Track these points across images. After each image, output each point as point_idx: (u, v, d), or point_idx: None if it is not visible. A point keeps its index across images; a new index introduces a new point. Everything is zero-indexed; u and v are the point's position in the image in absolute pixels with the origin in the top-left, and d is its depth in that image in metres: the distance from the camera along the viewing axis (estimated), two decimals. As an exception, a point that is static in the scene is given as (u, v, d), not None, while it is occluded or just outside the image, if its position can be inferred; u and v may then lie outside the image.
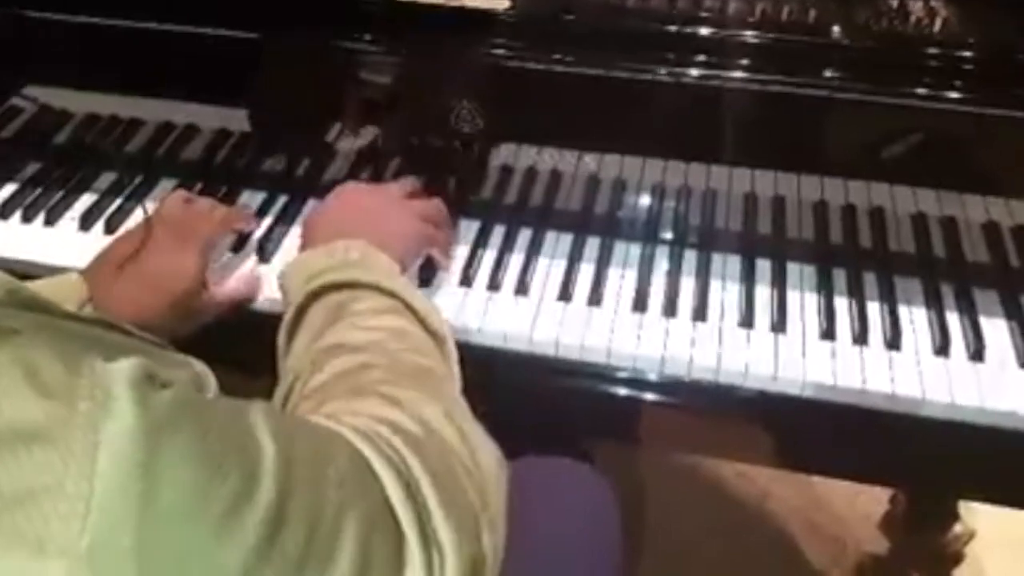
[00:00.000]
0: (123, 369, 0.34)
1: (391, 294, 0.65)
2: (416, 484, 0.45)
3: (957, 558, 1.20)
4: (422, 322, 0.64)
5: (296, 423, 0.47)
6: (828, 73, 0.75)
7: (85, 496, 0.30)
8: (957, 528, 1.19)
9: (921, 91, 0.74)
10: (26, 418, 0.31)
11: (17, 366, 0.32)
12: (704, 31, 0.77)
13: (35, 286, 0.69)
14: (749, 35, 0.77)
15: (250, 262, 0.85)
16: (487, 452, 0.52)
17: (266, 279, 0.81)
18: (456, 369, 0.63)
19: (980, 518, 1.20)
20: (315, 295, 0.65)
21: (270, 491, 0.36)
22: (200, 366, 0.49)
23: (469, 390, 0.64)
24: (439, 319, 0.65)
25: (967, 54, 0.74)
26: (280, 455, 0.38)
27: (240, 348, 0.77)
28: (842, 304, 0.79)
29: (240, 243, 0.86)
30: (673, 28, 0.78)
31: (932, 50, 0.75)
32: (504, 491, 0.52)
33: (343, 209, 0.77)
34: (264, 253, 0.85)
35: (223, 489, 0.34)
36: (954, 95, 0.73)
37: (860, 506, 1.38)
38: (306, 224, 0.78)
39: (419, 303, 0.65)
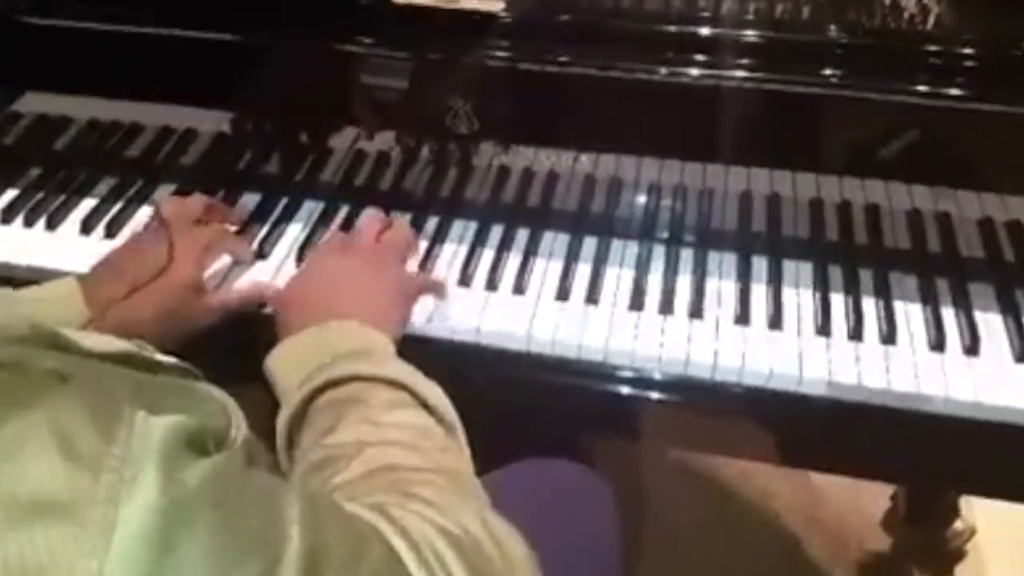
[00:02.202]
0: (160, 433, 0.34)
1: (397, 385, 0.62)
2: None
3: (958, 555, 1.20)
4: (431, 411, 0.62)
5: (333, 513, 0.46)
6: (823, 71, 0.75)
7: (94, 573, 0.30)
8: (958, 525, 1.19)
9: (915, 88, 0.74)
10: (49, 489, 0.31)
11: (51, 428, 0.32)
12: (699, 30, 0.78)
13: (32, 293, 0.70)
14: (744, 34, 0.77)
15: (249, 268, 0.84)
16: (519, 552, 0.52)
17: (264, 280, 0.82)
18: (468, 455, 0.61)
19: (981, 515, 1.21)
20: (314, 395, 0.62)
21: (294, 574, 0.36)
22: (220, 394, 0.48)
23: (467, 390, 0.65)
24: (446, 406, 0.63)
25: (962, 51, 0.74)
26: (306, 546, 0.37)
27: (236, 354, 0.77)
28: (838, 300, 0.79)
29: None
30: (668, 28, 0.78)
31: (926, 47, 0.75)
32: None
33: (322, 283, 0.74)
34: (263, 254, 0.85)
35: (241, 574, 0.34)
36: (948, 92, 0.73)
37: (862, 504, 1.38)
38: (284, 302, 0.74)
39: (426, 392, 0.63)
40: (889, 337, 0.76)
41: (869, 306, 0.78)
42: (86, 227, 0.89)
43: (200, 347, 0.73)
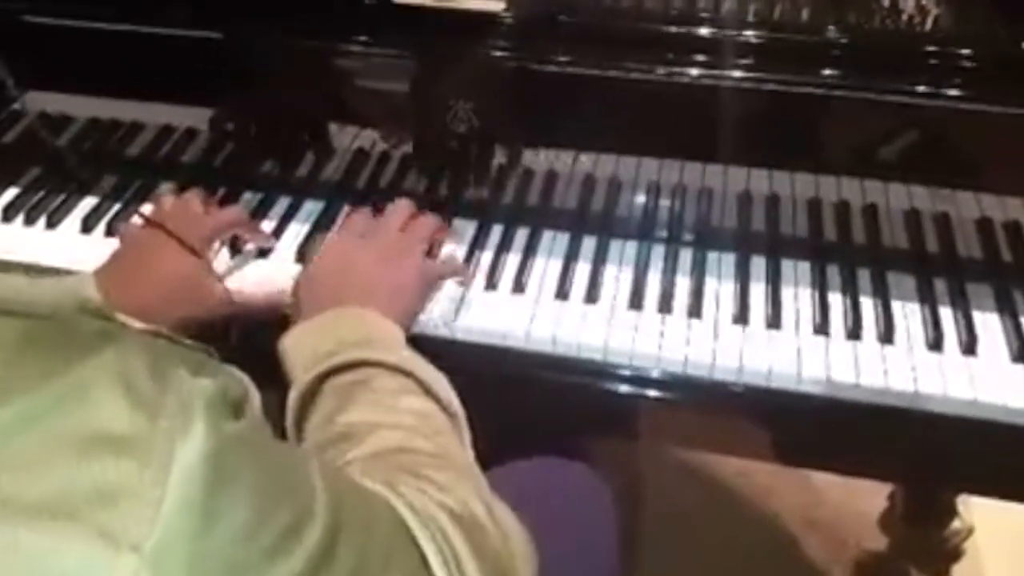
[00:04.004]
0: (204, 389, 0.37)
1: (404, 372, 0.64)
2: (457, 558, 0.46)
3: (956, 554, 1.21)
4: (436, 400, 0.64)
5: (346, 480, 0.48)
6: (821, 71, 0.75)
7: (156, 502, 0.33)
8: (956, 524, 1.20)
9: (914, 88, 0.74)
10: (116, 426, 0.34)
11: (116, 373, 0.35)
12: (699, 31, 0.78)
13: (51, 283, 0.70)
14: (744, 34, 0.77)
15: (249, 260, 0.85)
16: (520, 543, 0.53)
17: (266, 278, 0.82)
18: (469, 443, 0.63)
19: (978, 514, 1.21)
20: (324, 377, 0.64)
21: (320, 529, 0.38)
22: (240, 374, 0.49)
23: (466, 389, 0.65)
24: (450, 395, 0.64)
25: (960, 51, 0.74)
26: (331, 501, 0.40)
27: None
28: (836, 300, 0.79)
29: (239, 246, 0.87)
30: (668, 28, 0.78)
31: (925, 48, 0.76)
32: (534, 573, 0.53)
33: (337, 270, 0.75)
34: (263, 253, 0.86)
35: (277, 520, 0.36)
36: (947, 92, 0.74)
37: (859, 503, 1.38)
38: (299, 288, 0.75)
39: (432, 381, 0.64)
40: (887, 337, 0.76)
41: (867, 306, 0.78)
42: (87, 226, 0.89)
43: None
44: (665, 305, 0.79)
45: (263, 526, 0.35)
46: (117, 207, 0.91)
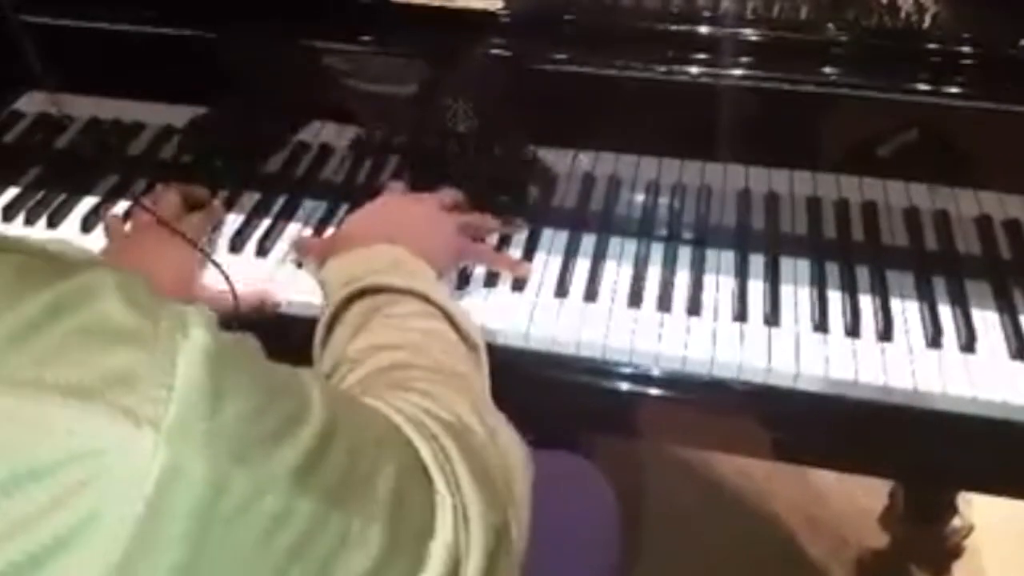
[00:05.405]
0: (198, 310, 0.39)
1: (428, 300, 0.66)
2: (448, 457, 0.47)
3: (956, 551, 1.21)
4: (457, 328, 0.65)
5: (340, 392, 0.52)
6: (820, 69, 0.75)
7: (168, 386, 0.34)
8: (956, 522, 1.20)
9: (913, 86, 0.74)
10: (122, 322, 0.36)
11: (115, 284, 0.37)
12: (698, 29, 0.78)
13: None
14: (743, 33, 0.77)
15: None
16: (515, 452, 0.54)
17: (267, 277, 0.83)
18: (486, 375, 0.64)
19: (978, 512, 1.21)
20: (353, 297, 0.67)
21: (318, 421, 0.40)
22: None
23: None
24: (473, 326, 0.66)
25: (959, 49, 0.75)
26: (326, 402, 0.42)
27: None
28: (835, 297, 0.79)
29: (240, 244, 0.87)
30: (667, 27, 0.79)
31: (924, 46, 0.76)
32: (529, 490, 0.53)
33: (384, 216, 0.80)
34: (263, 252, 0.86)
35: (279, 408, 0.38)
36: (946, 90, 0.74)
37: (860, 501, 1.38)
38: (346, 226, 0.80)
39: (455, 309, 0.66)
40: (886, 334, 0.76)
41: (866, 303, 0.79)
42: (87, 225, 0.89)
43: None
44: (664, 303, 0.79)
45: (267, 411, 0.37)
46: (117, 207, 0.91)
